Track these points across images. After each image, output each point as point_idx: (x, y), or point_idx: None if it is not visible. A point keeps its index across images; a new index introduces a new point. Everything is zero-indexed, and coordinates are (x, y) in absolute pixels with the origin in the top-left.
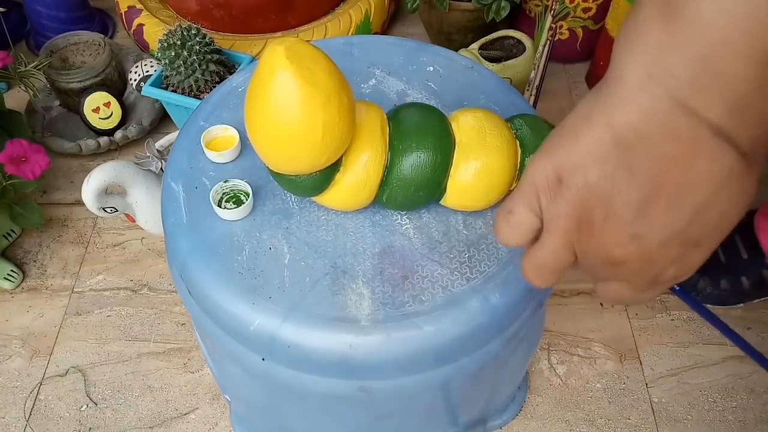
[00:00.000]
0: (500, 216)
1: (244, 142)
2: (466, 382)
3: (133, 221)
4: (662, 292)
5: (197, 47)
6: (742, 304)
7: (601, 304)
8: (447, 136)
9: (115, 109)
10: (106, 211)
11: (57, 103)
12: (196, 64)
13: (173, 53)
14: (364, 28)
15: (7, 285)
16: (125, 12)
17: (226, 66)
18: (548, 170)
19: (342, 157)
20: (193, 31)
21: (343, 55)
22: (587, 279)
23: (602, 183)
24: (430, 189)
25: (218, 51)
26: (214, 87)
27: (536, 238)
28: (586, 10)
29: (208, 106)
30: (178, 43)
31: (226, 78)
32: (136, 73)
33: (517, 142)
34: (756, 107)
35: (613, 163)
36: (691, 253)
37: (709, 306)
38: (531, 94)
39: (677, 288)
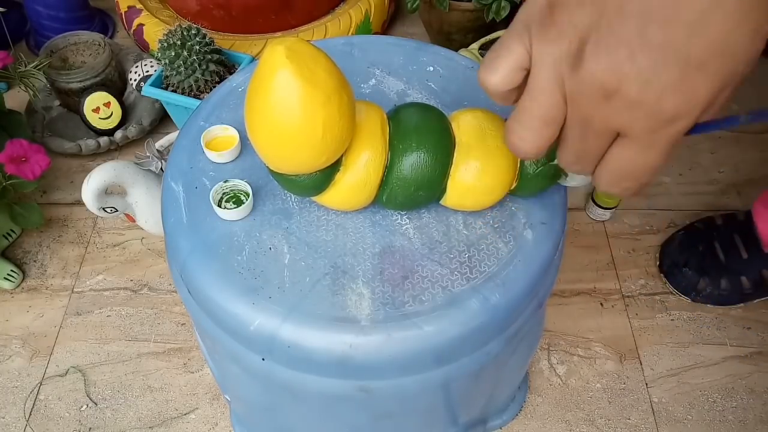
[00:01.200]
0: (489, 53)
1: (244, 142)
2: (466, 382)
3: (133, 221)
4: (671, 149)
5: (197, 47)
6: (742, 304)
7: (601, 304)
8: (447, 135)
9: (115, 109)
10: (106, 211)
11: (57, 103)
12: (196, 64)
13: (173, 53)
14: (364, 28)
15: (7, 285)
16: (125, 12)
17: (226, 66)
18: (541, 2)
19: (342, 156)
20: (193, 31)
21: (343, 55)
22: (587, 278)
23: (595, 1)
24: (430, 189)
25: (218, 51)
26: (214, 87)
27: (520, 91)
28: None
29: (208, 106)
30: (178, 43)
31: (226, 78)
32: (136, 73)
33: None
34: None
35: None
36: (693, 78)
37: (709, 306)
38: None
39: (691, 130)
